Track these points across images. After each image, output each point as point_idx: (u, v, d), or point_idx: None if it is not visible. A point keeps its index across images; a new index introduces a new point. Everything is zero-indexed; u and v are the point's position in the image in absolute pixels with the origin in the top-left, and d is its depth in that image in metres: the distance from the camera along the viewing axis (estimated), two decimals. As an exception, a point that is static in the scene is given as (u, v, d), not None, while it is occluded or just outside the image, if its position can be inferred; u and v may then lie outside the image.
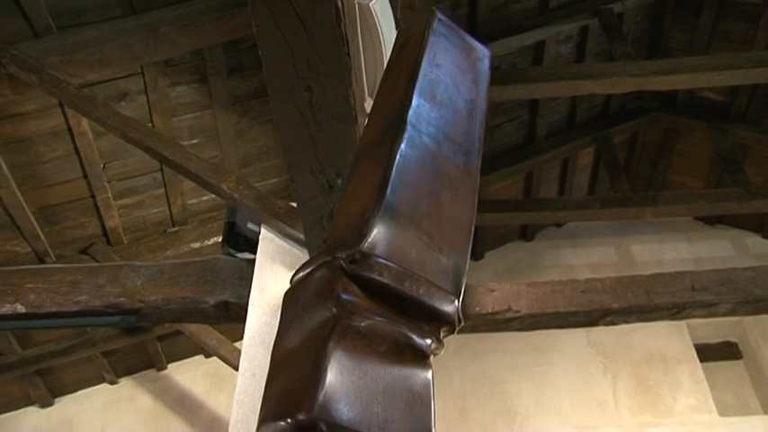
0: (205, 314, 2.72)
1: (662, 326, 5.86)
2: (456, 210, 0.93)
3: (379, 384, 0.73)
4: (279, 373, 0.78)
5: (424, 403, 0.74)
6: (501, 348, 5.70)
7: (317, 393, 0.68)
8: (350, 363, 0.72)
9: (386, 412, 0.71)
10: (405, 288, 0.81)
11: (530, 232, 6.70)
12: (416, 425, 0.72)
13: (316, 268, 0.84)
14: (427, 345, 0.80)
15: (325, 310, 0.77)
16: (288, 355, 0.79)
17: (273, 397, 0.75)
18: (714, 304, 3.13)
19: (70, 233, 4.59)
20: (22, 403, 5.59)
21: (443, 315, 0.84)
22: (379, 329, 0.77)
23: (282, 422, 0.69)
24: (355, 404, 0.70)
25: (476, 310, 2.63)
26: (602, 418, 5.36)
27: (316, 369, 0.70)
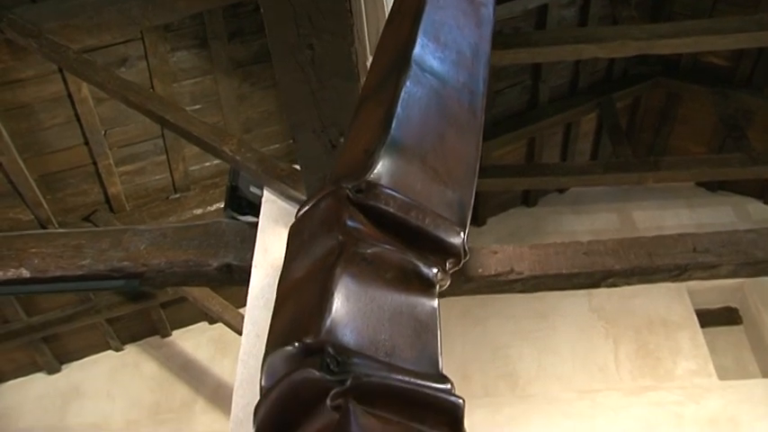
0: (208, 277, 2.73)
1: (663, 291, 5.88)
2: (461, 147, 0.93)
3: (385, 311, 0.73)
4: (285, 304, 0.78)
5: (430, 332, 0.75)
6: (503, 314, 5.74)
7: (324, 317, 0.68)
8: (357, 288, 0.72)
9: (393, 339, 0.71)
10: (411, 218, 0.81)
11: (532, 198, 6.69)
12: (423, 353, 0.72)
13: (321, 199, 0.84)
14: (434, 274, 0.80)
15: (332, 238, 0.77)
16: (294, 286, 0.79)
17: (280, 325, 0.75)
18: (716, 266, 3.14)
19: (72, 200, 4.59)
20: (29, 370, 5.65)
21: (449, 246, 0.83)
22: (385, 256, 0.77)
23: (290, 347, 0.69)
24: (362, 329, 0.70)
25: (479, 271, 2.64)
26: (604, 383, 5.41)
27: (323, 294, 0.70)
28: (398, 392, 0.66)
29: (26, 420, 5.44)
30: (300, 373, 0.65)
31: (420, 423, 0.67)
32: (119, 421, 5.42)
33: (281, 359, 0.69)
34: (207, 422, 5.33)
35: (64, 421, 5.43)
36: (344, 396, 0.64)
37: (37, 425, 5.42)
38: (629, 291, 5.83)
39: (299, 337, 0.68)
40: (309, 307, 0.70)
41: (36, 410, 5.50)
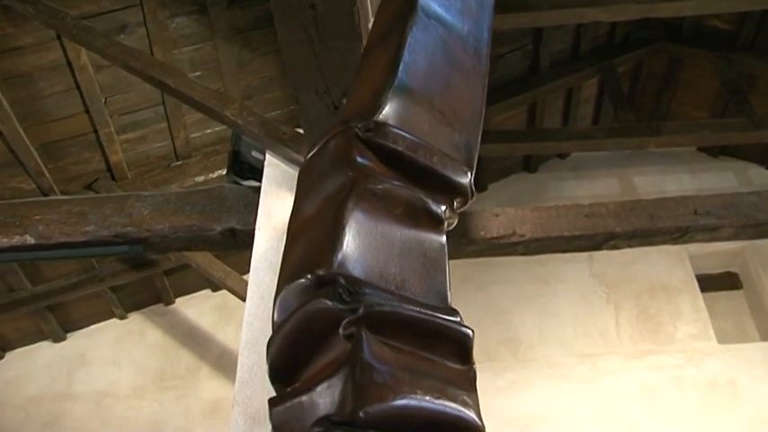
0: (212, 242, 2.74)
1: (664, 256, 5.91)
2: (467, 91, 0.93)
3: (395, 246, 0.74)
4: (297, 241, 0.79)
5: (439, 268, 0.76)
6: (505, 279, 5.77)
7: (336, 250, 0.69)
8: (368, 223, 0.73)
9: (403, 273, 0.72)
10: (419, 156, 0.81)
11: (533, 164, 6.68)
12: (432, 287, 0.74)
13: (330, 138, 0.85)
14: (442, 210, 0.81)
15: (342, 175, 0.78)
16: (305, 223, 0.80)
17: (292, 261, 0.76)
18: (717, 228, 3.15)
19: (74, 169, 4.60)
20: (35, 338, 5.70)
21: (457, 185, 0.84)
22: (395, 192, 0.78)
23: (302, 279, 0.70)
24: (373, 263, 0.71)
25: (481, 234, 2.65)
26: (605, 347, 5.45)
27: (334, 229, 0.71)
28: (409, 322, 0.68)
29: (34, 387, 5.51)
30: (313, 304, 0.67)
31: (430, 352, 0.68)
32: (125, 388, 5.49)
33: (294, 292, 0.70)
34: (212, 388, 5.40)
35: (71, 388, 5.50)
36: (357, 325, 0.65)
37: (44, 392, 5.49)
38: (629, 256, 5.88)
39: (312, 269, 0.69)
40: (321, 241, 0.71)
41: (43, 378, 5.57)
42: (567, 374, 5.29)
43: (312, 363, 0.68)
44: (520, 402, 5.02)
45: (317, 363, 0.67)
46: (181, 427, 5.23)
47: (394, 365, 0.66)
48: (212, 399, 5.33)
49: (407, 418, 0.69)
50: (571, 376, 5.28)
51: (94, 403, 5.42)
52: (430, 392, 0.69)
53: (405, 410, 0.69)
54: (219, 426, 5.04)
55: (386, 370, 0.66)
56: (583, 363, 5.35)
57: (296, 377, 0.72)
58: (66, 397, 5.46)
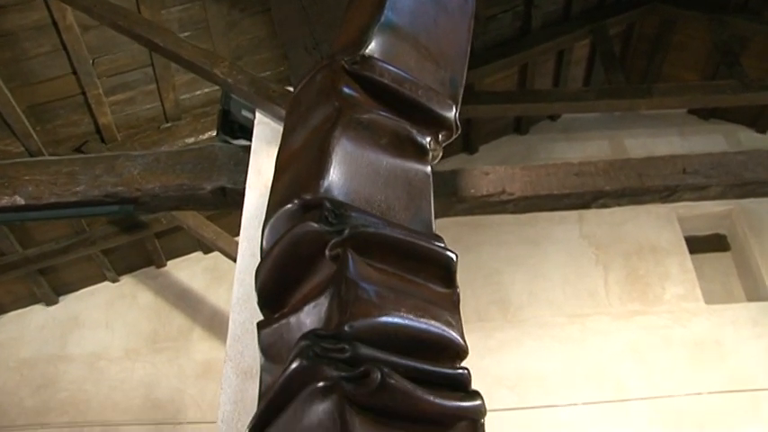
0: (202, 201, 2.75)
1: (653, 218, 5.95)
2: (453, 30, 0.93)
3: (381, 174, 0.75)
4: (284, 173, 0.80)
5: (424, 197, 0.77)
6: (495, 241, 5.80)
7: (322, 176, 0.70)
8: (354, 151, 0.74)
9: (388, 201, 0.73)
10: (404, 89, 0.82)
11: (524, 125, 6.67)
12: (417, 215, 0.75)
13: (317, 71, 0.85)
14: (427, 141, 0.82)
15: (329, 106, 0.78)
16: (292, 155, 0.81)
17: (279, 191, 0.77)
18: (705, 187, 3.17)
19: (63, 131, 4.56)
20: (28, 302, 5.72)
21: (442, 118, 0.85)
22: (381, 122, 0.78)
23: (289, 204, 0.71)
24: (359, 190, 0.72)
25: (470, 192, 2.66)
26: (594, 308, 5.51)
27: (320, 156, 0.72)
28: (394, 244, 0.69)
29: (27, 350, 5.54)
30: (300, 228, 0.68)
31: (415, 275, 0.69)
32: (118, 350, 5.52)
33: (281, 219, 0.71)
34: (204, 349, 5.44)
35: (64, 351, 5.53)
36: (342, 246, 0.66)
37: (38, 354, 5.52)
38: (619, 217, 5.92)
39: (298, 195, 0.70)
40: (307, 169, 0.72)
41: (36, 341, 5.60)
42: (556, 335, 5.35)
43: (300, 287, 0.69)
44: (510, 362, 5.08)
45: (304, 287, 0.69)
46: (174, 388, 5.28)
47: (379, 285, 0.67)
48: (205, 360, 5.37)
49: (392, 334, 0.71)
50: (560, 336, 5.34)
51: (88, 365, 5.46)
52: (414, 311, 0.70)
53: (389, 327, 0.70)
54: (212, 386, 5.09)
55: (371, 288, 0.67)
56: (572, 323, 5.41)
57: (284, 302, 0.73)
58: (60, 359, 5.49)
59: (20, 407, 5.26)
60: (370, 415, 0.72)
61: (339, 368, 0.70)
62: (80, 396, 5.30)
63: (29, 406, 5.26)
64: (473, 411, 0.85)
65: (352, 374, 0.70)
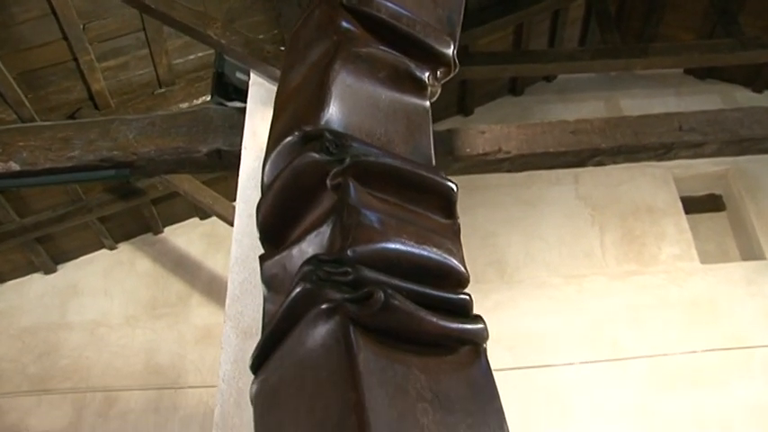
0: (198, 163, 2.75)
1: (649, 179, 5.96)
2: (450, -31, 0.93)
3: (380, 108, 0.75)
4: (284, 109, 0.80)
5: (423, 132, 0.77)
6: (491, 202, 5.81)
7: (322, 108, 0.70)
8: (353, 84, 0.74)
9: (388, 134, 0.74)
10: (401, 24, 0.82)
11: (519, 87, 6.64)
12: (417, 149, 0.75)
13: (315, 7, 0.84)
14: (426, 76, 0.82)
15: (327, 41, 0.78)
16: (292, 92, 0.81)
17: (279, 126, 0.77)
18: (701, 144, 3.18)
19: (55, 98, 4.53)
20: (26, 270, 5.73)
21: (440, 54, 0.85)
22: (379, 56, 0.78)
23: (290, 137, 0.71)
24: (360, 122, 0.72)
25: (467, 151, 2.66)
26: (590, 268, 5.54)
27: (320, 89, 0.72)
28: (395, 173, 0.69)
29: (28, 319, 5.57)
30: (301, 159, 0.68)
31: (416, 205, 0.70)
32: (118, 317, 5.56)
33: (282, 152, 0.71)
34: (203, 314, 5.48)
35: (65, 318, 5.57)
36: (344, 174, 0.66)
37: (39, 322, 5.55)
38: (615, 178, 5.93)
39: (299, 126, 0.70)
40: (307, 103, 0.72)
41: (37, 309, 5.62)
42: (552, 295, 5.39)
43: (301, 220, 0.69)
44: (506, 323, 5.12)
45: (306, 220, 0.69)
46: (174, 353, 5.32)
47: (381, 212, 0.68)
48: (204, 325, 5.41)
49: (394, 260, 0.72)
50: (557, 297, 5.38)
51: (89, 332, 5.49)
52: (416, 238, 0.71)
53: (391, 253, 0.71)
54: (212, 350, 5.14)
55: (373, 215, 0.68)
56: (568, 284, 5.45)
57: (286, 236, 0.74)
58: (61, 327, 5.53)
59: (23, 374, 5.31)
60: (373, 336, 0.73)
61: (342, 290, 0.71)
62: (81, 363, 5.35)
63: (32, 373, 5.31)
64: (476, 334, 0.86)
65: (356, 296, 0.71)
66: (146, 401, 5.16)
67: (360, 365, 0.69)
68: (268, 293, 0.81)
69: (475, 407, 0.83)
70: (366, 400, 0.67)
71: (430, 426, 0.72)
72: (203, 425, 4.94)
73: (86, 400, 5.19)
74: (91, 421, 5.10)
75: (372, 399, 0.67)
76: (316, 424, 0.70)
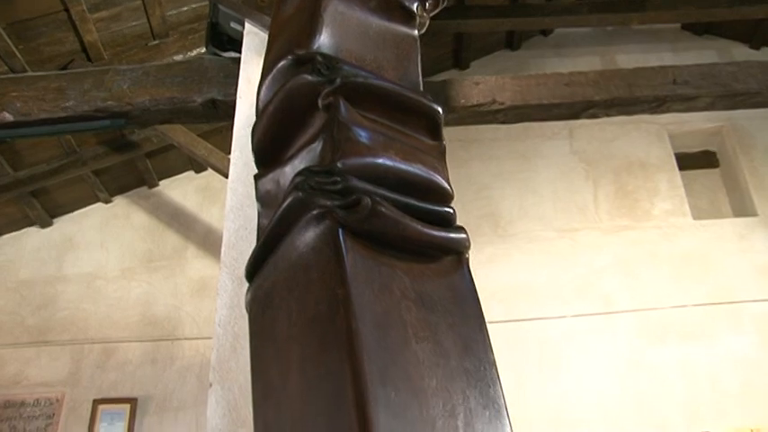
0: (193, 113, 2.75)
1: (644, 134, 5.97)
2: None
3: (370, 35, 0.77)
4: (277, 38, 0.82)
5: (411, 60, 0.79)
6: (486, 156, 5.82)
7: (314, 34, 0.72)
8: (345, 11, 0.75)
9: (378, 60, 0.76)
10: None
11: (516, 41, 6.59)
12: (405, 77, 0.77)
13: None
14: (414, 7, 0.83)
15: None
16: (285, 22, 0.83)
17: (272, 54, 0.79)
18: (694, 98, 3.18)
19: (48, 50, 4.49)
20: (22, 224, 5.75)
21: None
22: None
23: (283, 61, 0.73)
24: (350, 48, 0.74)
25: (461, 102, 2.67)
26: (583, 222, 5.58)
27: (312, 17, 0.74)
28: (384, 94, 0.72)
29: (25, 272, 5.61)
30: (294, 81, 0.70)
31: (403, 125, 0.72)
32: (114, 270, 5.60)
33: (276, 77, 0.73)
34: (199, 267, 5.52)
35: (61, 271, 5.60)
36: (334, 94, 0.68)
37: (36, 275, 5.59)
38: (610, 133, 5.94)
39: (292, 50, 0.72)
40: (300, 29, 0.74)
41: (33, 262, 5.66)
42: (546, 249, 5.44)
43: (294, 141, 0.72)
44: (500, 276, 5.18)
45: (298, 140, 0.71)
46: (170, 305, 5.38)
47: (370, 130, 0.70)
48: (199, 277, 5.46)
49: (382, 173, 0.75)
50: (550, 250, 5.43)
51: (85, 285, 5.54)
52: (403, 155, 0.74)
53: (379, 167, 0.74)
54: (208, 303, 5.20)
55: (362, 131, 0.70)
56: (561, 237, 5.50)
57: (279, 157, 0.76)
58: (58, 280, 5.57)
59: (22, 326, 5.37)
60: (361, 240, 0.77)
61: (332, 198, 0.75)
62: (79, 315, 5.40)
63: (30, 325, 5.37)
64: (458, 243, 0.90)
65: (345, 202, 0.74)
66: (143, 353, 5.23)
67: (347, 264, 0.73)
68: (262, 209, 0.84)
69: (456, 309, 0.87)
70: (353, 295, 0.71)
71: (413, 322, 0.77)
72: (200, 375, 5.03)
73: (85, 352, 5.26)
74: (90, 372, 5.18)
75: (359, 294, 0.72)
76: (307, 320, 0.74)
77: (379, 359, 0.70)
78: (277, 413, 0.79)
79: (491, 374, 0.87)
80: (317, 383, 0.71)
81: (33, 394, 5.09)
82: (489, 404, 0.82)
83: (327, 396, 0.70)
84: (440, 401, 0.75)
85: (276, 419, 0.79)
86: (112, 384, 5.13)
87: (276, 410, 0.80)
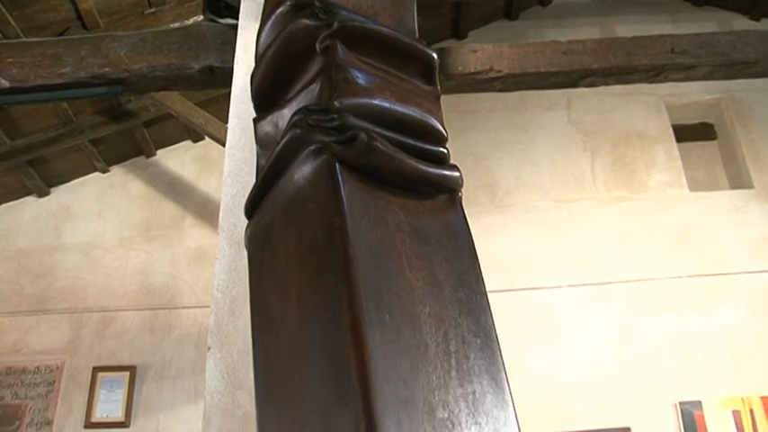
0: (191, 80, 2.74)
1: (642, 106, 5.96)
2: None
3: None
4: None
5: (407, 9, 0.80)
6: (484, 127, 5.81)
7: None
8: None
9: (375, 7, 0.77)
10: None
11: (514, 11, 6.54)
12: (401, 24, 0.78)
13: None
14: None
15: None
16: None
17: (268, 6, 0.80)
18: (692, 67, 3.17)
19: (42, 17, 4.45)
20: (19, 193, 5.75)
21: None
22: None
23: (282, 7, 0.74)
24: None
25: (458, 70, 2.66)
26: (580, 193, 5.60)
27: None
28: (380, 39, 0.73)
29: (23, 241, 5.63)
30: (293, 25, 0.71)
31: (398, 70, 0.73)
32: (112, 239, 5.61)
33: (274, 22, 0.74)
34: (196, 236, 5.54)
35: (59, 241, 5.62)
36: (332, 37, 0.69)
37: (34, 245, 5.61)
38: (607, 105, 5.94)
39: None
40: None
41: (31, 231, 5.67)
42: (543, 219, 5.46)
43: (293, 85, 0.73)
44: (497, 246, 5.20)
45: (297, 84, 0.72)
46: (168, 274, 5.41)
47: (367, 72, 0.72)
48: (197, 246, 5.48)
49: (378, 114, 0.76)
50: (547, 221, 5.46)
51: (83, 254, 5.56)
52: (399, 97, 0.75)
53: (375, 107, 0.75)
54: (205, 271, 5.22)
55: (359, 74, 0.72)
56: (558, 208, 5.52)
57: (278, 102, 0.77)
58: (56, 249, 5.59)
59: (21, 294, 5.40)
60: (357, 174, 0.79)
61: (329, 134, 0.76)
62: (77, 284, 5.43)
63: (29, 293, 5.40)
64: (453, 180, 0.92)
65: (342, 138, 0.76)
66: (141, 321, 5.27)
67: (344, 196, 0.75)
68: (261, 151, 0.85)
69: (450, 243, 0.89)
70: (349, 224, 0.73)
71: (407, 252, 0.79)
72: (198, 343, 5.07)
73: (84, 320, 5.30)
74: (89, 340, 5.22)
75: (355, 224, 0.74)
76: (305, 250, 0.76)
77: (375, 285, 0.72)
78: (276, 342, 0.82)
79: (483, 304, 0.90)
80: (314, 311, 0.74)
81: (34, 362, 5.13)
82: (480, 332, 0.85)
83: (325, 322, 0.72)
84: (432, 327, 0.78)
85: (276, 348, 0.82)
86: (111, 352, 5.17)
87: (275, 339, 0.82)
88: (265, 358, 0.86)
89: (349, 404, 0.67)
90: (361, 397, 0.66)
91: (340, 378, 0.70)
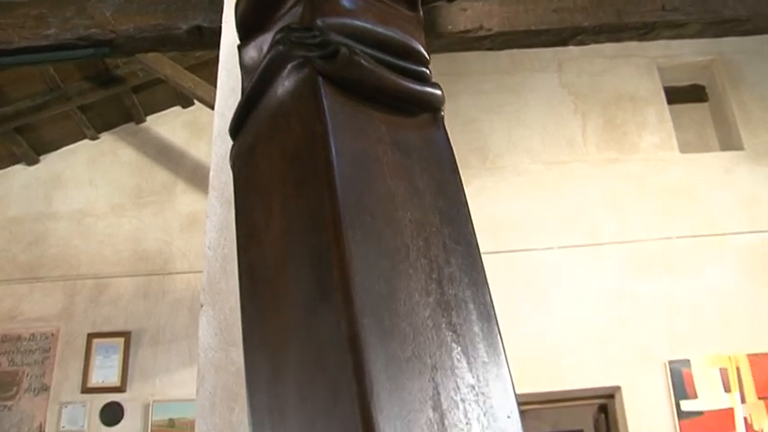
0: (179, 41, 2.72)
1: (633, 68, 5.95)
2: None
3: None
4: None
5: None
6: (475, 89, 5.79)
7: None
8: None
9: None
10: None
11: (505, -27, 6.50)
12: None
13: None
14: None
15: None
16: None
17: None
18: (683, 24, 3.17)
19: (28, -19, 4.39)
20: (8, 162, 5.72)
21: None
22: None
23: None
24: None
25: (448, 28, 2.65)
26: (571, 155, 5.60)
27: None
28: None
29: (14, 209, 5.61)
30: None
31: None
32: (103, 206, 5.60)
33: None
34: (188, 202, 5.53)
35: (50, 208, 5.60)
36: None
37: (25, 213, 5.59)
38: (599, 67, 5.92)
39: None
40: None
41: (22, 199, 5.65)
42: (534, 181, 5.48)
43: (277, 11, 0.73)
44: (488, 208, 5.21)
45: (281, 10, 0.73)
46: (161, 240, 5.41)
47: None
48: (189, 212, 5.48)
49: (359, 34, 0.77)
50: (538, 183, 5.47)
51: (75, 222, 5.55)
52: (380, 19, 0.76)
53: (358, 28, 0.76)
54: (198, 237, 5.23)
55: None
56: (549, 170, 5.53)
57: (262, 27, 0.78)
58: (47, 217, 5.58)
59: (14, 262, 5.40)
60: (339, 88, 0.80)
61: (312, 50, 0.77)
62: (70, 251, 5.43)
63: (22, 261, 5.40)
64: (435, 98, 0.93)
65: (324, 53, 0.77)
66: (135, 287, 5.28)
67: (326, 107, 0.77)
68: (245, 75, 0.86)
69: (431, 156, 0.91)
70: (330, 132, 0.75)
71: (388, 162, 0.80)
72: (191, 308, 5.09)
73: (77, 287, 5.31)
74: (83, 307, 5.24)
75: (336, 132, 0.76)
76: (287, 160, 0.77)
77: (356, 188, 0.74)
78: (260, 252, 0.84)
79: (463, 213, 0.92)
80: (297, 216, 0.76)
81: (29, 329, 5.16)
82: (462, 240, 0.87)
83: (307, 224, 0.74)
84: (414, 232, 0.80)
85: (259, 257, 0.84)
86: (106, 319, 5.20)
87: (259, 249, 0.84)
88: (249, 269, 0.88)
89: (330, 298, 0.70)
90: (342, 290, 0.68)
91: (321, 274, 0.72)
